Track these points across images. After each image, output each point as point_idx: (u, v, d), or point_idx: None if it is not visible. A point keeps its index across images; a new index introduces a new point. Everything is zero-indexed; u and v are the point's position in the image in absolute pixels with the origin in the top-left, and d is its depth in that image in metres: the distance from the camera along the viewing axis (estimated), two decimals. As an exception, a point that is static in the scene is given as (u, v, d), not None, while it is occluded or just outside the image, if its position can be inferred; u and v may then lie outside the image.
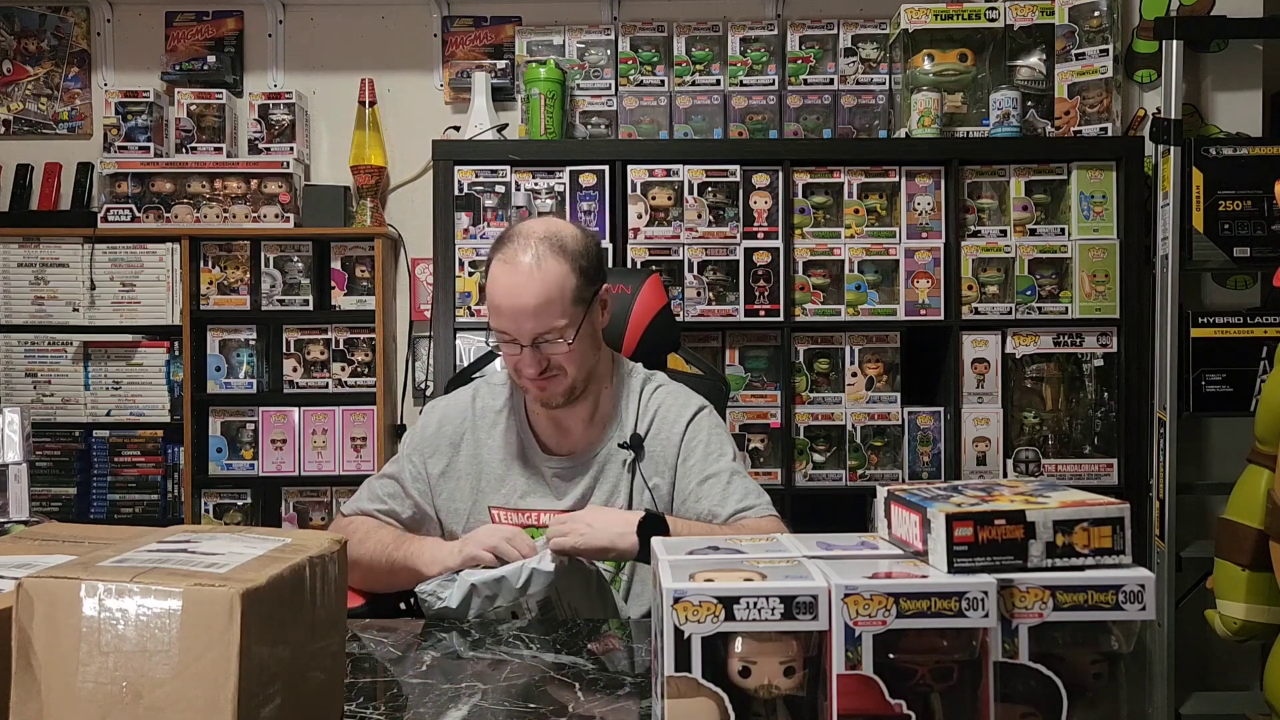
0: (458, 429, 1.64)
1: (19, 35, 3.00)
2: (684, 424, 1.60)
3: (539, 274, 1.48)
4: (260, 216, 2.83)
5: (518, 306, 1.48)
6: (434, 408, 1.69)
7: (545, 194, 2.60)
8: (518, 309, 1.48)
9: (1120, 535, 0.83)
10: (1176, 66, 2.60)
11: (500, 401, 1.65)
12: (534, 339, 1.49)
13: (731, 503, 1.53)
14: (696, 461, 1.57)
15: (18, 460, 1.54)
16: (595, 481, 1.58)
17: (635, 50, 2.83)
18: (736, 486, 1.55)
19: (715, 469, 1.56)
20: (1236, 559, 1.94)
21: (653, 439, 1.59)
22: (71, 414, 2.85)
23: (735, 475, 1.57)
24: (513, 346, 1.51)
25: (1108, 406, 2.59)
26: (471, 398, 1.67)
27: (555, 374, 1.52)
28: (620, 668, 1.19)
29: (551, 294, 1.48)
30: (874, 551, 0.91)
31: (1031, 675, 0.80)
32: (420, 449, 1.64)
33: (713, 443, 1.59)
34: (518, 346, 1.50)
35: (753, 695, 0.79)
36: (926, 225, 2.59)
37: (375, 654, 1.24)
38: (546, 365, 1.51)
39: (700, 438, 1.59)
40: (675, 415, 1.61)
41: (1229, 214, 2.56)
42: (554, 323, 1.49)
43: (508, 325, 1.50)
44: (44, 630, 0.70)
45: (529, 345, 1.49)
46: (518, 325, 1.49)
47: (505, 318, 1.50)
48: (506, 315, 1.49)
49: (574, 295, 1.51)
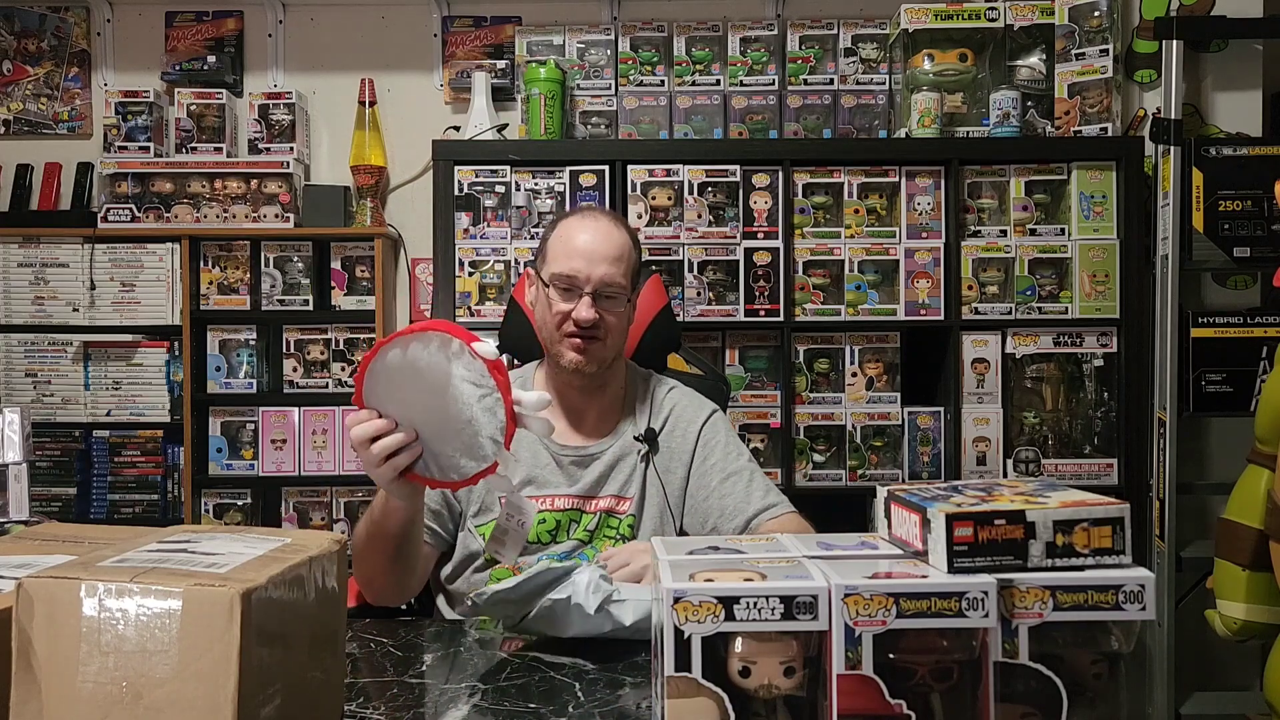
0: None
1: (19, 35, 3.00)
2: (700, 423, 1.63)
3: (616, 233, 1.58)
4: (260, 216, 2.83)
5: (593, 249, 1.54)
6: None
7: (545, 194, 2.60)
8: (593, 251, 1.54)
9: (1120, 535, 0.83)
10: (1176, 66, 2.60)
11: None
12: (597, 288, 1.53)
13: (756, 500, 1.57)
14: (717, 460, 1.60)
15: (18, 460, 1.54)
16: (609, 470, 1.59)
17: (635, 50, 2.83)
18: (758, 484, 1.59)
19: (736, 467, 1.60)
20: (1236, 559, 1.94)
21: (668, 435, 1.62)
22: (71, 414, 2.85)
23: (755, 474, 1.61)
24: (571, 295, 1.54)
25: (1108, 406, 2.59)
26: None
27: (600, 337, 1.54)
28: None
29: (623, 252, 1.57)
30: (874, 551, 0.91)
31: (1031, 675, 0.80)
32: None
33: (730, 443, 1.64)
34: (577, 295, 1.53)
35: (753, 695, 0.79)
36: (926, 225, 2.59)
37: (375, 654, 1.24)
38: (596, 322, 1.53)
39: (719, 438, 1.63)
40: (691, 415, 1.64)
41: (1229, 214, 2.56)
42: (619, 278, 1.55)
43: (580, 266, 1.53)
44: (44, 630, 0.70)
45: (589, 293, 1.52)
46: (590, 268, 1.53)
47: (580, 259, 1.53)
48: (581, 256, 1.54)
49: (633, 268, 1.59)
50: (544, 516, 1.54)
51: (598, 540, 1.55)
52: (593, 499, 1.57)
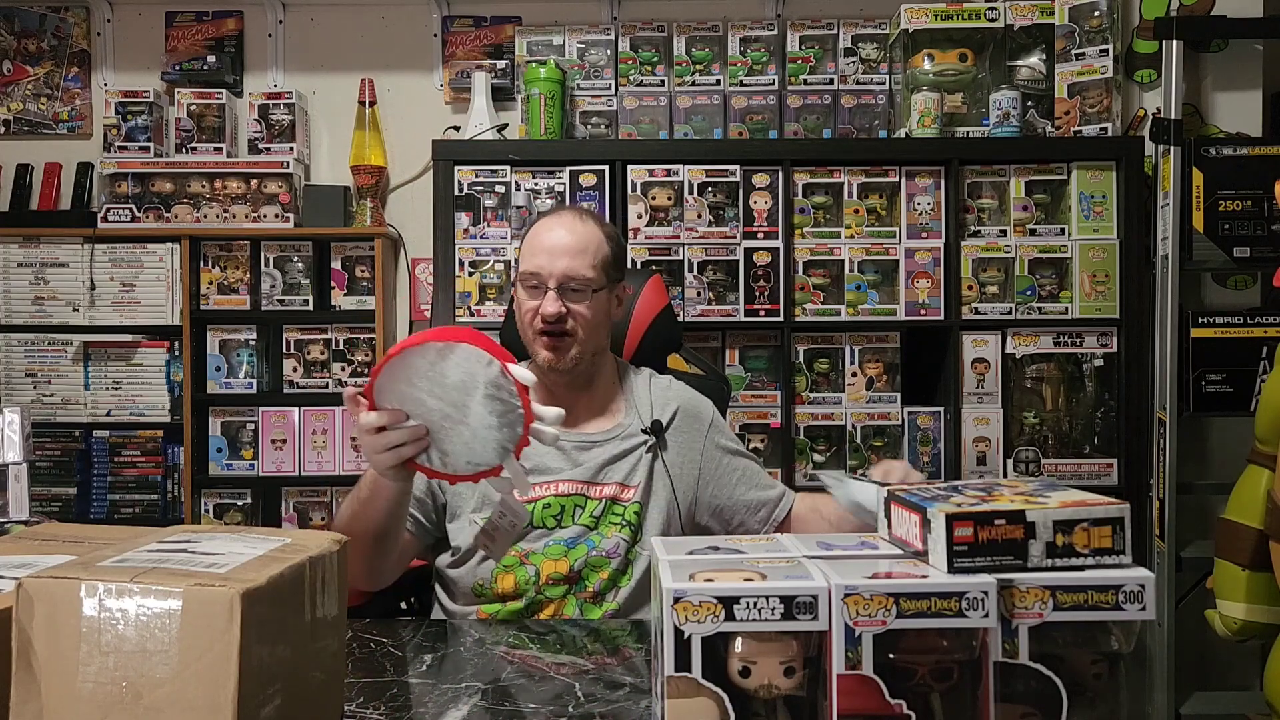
0: None
1: (19, 35, 3.00)
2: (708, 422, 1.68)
3: (580, 226, 1.59)
4: (260, 216, 2.83)
5: (555, 244, 1.55)
6: None
7: (545, 194, 2.60)
8: (554, 246, 1.55)
9: (1120, 535, 0.83)
10: (1176, 66, 2.59)
11: None
12: (560, 282, 1.54)
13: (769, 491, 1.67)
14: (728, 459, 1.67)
15: (18, 460, 1.54)
16: (612, 458, 1.59)
17: (635, 50, 2.83)
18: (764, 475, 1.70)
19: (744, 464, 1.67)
20: (1236, 559, 1.94)
21: (675, 431, 1.64)
22: (71, 414, 2.85)
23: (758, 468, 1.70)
24: (536, 292, 1.55)
25: (1108, 406, 2.59)
26: None
27: (568, 335, 1.55)
28: None
29: (588, 245, 1.57)
30: (874, 551, 0.91)
31: (1031, 675, 0.80)
32: None
33: (733, 439, 1.71)
34: (542, 291, 1.54)
35: (753, 695, 0.79)
36: (926, 225, 2.59)
37: (375, 654, 1.24)
38: (562, 317, 1.54)
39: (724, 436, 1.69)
40: (698, 412, 1.68)
41: (1229, 214, 2.56)
42: (583, 271, 1.55)
43: (541, 262, 1.55)
44: (44, 630, 0.70)
45: (554, 288, 1.53)
46: (551, 262, 1.54)
47: (541, 255, 1.55)
48: (543, 252, 1.55)
49: (603, 261, 1.58)
50: (548, 501, 1.54)
51: (603, 526, 1.55)
52: (596, 485, 1.57)
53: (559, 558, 1.51)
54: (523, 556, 1.52)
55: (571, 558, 1.51)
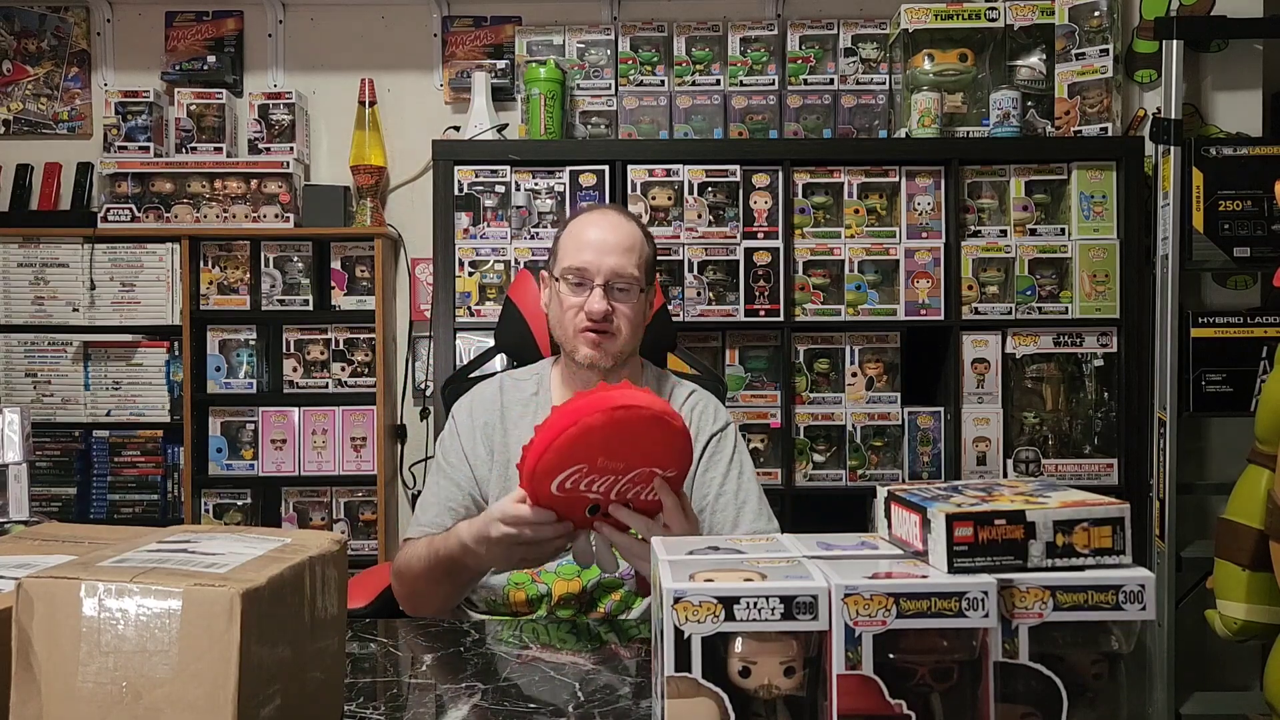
0: (489, 419, 1.61)
1: (19, 35, 3.00)
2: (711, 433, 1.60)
3: (626, 226, 1.59)
4: (260, 216, 2.83)
5: (605, 242, 1.55)
6: (461, 405, 1.66)
7: (545, 194, 2.60)
8: (604, 244, 1.55)
9: (1120, 535, 0.83)
10: (1176, 66, 2.60)
11: (527, 393, 1.64)
12: (608, 280, 1.53)
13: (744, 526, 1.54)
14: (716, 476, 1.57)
15: (18, 460, 1.54)
16: None
17: (635, 50, 2.83)
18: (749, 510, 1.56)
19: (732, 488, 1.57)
20: (1236, 559, 1.94)
21: None
22: (71, 414, 2.85)
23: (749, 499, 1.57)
24: (582, 289, 1.54)
25: (1108, 406, 2.59)
26: (499, 389, 1.65)
27: (613, 331, 1.54)
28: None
29: (634, 244, 1.57)
30: (874, 551, 0.91)
31: (1031, 675, 0.80)
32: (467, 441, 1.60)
33: (734, 460, 1.59)
34: (588, 288, 1.54)
35: (753, 695, 0.79)
36: (926, 225, 2.59)
37: (375, 654, 1.24)
38: (608, 315, 1.53)
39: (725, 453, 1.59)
40: (706, 423, 1.61)
41: (1229, 214, 2.56)
42: (630, 270, 1.55)
43: (590, 259, 1.54)
44: (44, 630, 0.70)
45: (600, 285, 1.53)
46: (600, 260, 1.54)
47: (590, 251, 1.54)
48: (592, 249, 1.54)
49: (645, 261, 1.59)
50: None
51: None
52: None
53: (571, 578, 1.49)
54: (535, 575, 1.50)
55: (584, 579, 1.49)
